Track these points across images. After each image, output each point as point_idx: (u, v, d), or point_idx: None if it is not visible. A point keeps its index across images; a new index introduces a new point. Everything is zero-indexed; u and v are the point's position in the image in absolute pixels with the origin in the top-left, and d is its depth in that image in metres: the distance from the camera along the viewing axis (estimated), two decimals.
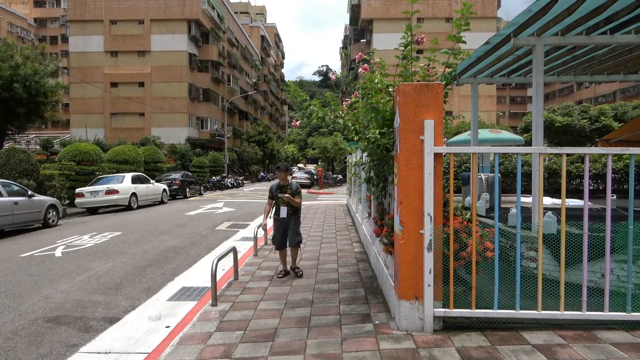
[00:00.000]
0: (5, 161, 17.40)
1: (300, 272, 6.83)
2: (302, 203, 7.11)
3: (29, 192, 13.43)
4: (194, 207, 19.44)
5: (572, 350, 3.71)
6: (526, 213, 5.38)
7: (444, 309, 4.16)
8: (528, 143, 17.99)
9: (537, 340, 3.92)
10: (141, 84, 46.60)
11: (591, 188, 15.75)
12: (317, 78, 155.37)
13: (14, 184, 13.57)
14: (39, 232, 12.90)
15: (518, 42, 5.59)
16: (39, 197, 13.86)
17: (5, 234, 12.68)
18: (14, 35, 58.88)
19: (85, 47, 46.43)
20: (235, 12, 69.26)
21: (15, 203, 12.52)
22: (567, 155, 4.25)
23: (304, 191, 31.20)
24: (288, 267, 6.98)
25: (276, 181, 6.85)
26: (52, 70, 25.88)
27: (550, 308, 4.10)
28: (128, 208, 18.93)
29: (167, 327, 5.00)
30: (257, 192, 30.43)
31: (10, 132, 27.33)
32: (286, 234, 6.73)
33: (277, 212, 6.73)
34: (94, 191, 18.23)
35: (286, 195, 6.56)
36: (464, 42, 4.62)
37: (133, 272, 7.68)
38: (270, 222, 7.15)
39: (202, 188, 29.60)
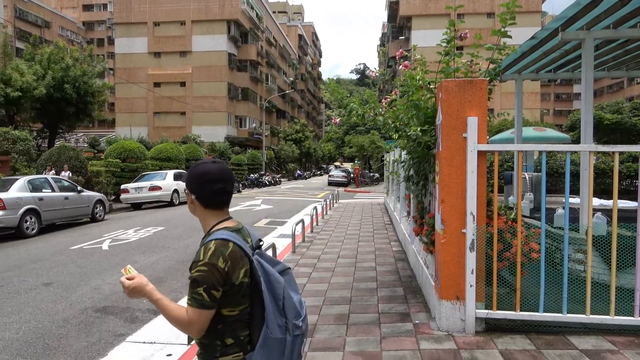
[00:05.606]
0: (57, 158, 18.36)
1: None
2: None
3: (78, 188, 14.05)
4: (233, 204, 19.78)
5: (623, 357, 3.55)
6: (573, 214, 5.18)
7: (487, 311, 4.06)
8: (574, 141, 17.25)
9: (585, 345, 3.77)
10: (183, 84, 47.96)
11: None
12: (354, 76, 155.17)
13: (65, 180, 14.25)
14: (87, 226, 13.48)
15: (566, 37, 5.36)
16: (87, 193, 14.49)
17: (57, 227, 13.33)
18: (65, 38, 61.54)
19: (130, 48, 48.24)
20: (274, 12, 70.01)
21: (66, 198, 13.13)
22: (619, 153, 4.06)
23: (340, 190, 30.51)
24: None
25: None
26: (100, 71, 27.03)
27: (599, 312, 3.94)
28: (170, 204, 19.48)
29: None
30: (294, 190, 30.66)
31: (61, 131, 28.72)
32: None
33: None
34: (138, 187, 18.83)
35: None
36: (510, 37, 4.50)
37: (175, 266, 7.91)
38: None
39: (240, 185, 30.12)
